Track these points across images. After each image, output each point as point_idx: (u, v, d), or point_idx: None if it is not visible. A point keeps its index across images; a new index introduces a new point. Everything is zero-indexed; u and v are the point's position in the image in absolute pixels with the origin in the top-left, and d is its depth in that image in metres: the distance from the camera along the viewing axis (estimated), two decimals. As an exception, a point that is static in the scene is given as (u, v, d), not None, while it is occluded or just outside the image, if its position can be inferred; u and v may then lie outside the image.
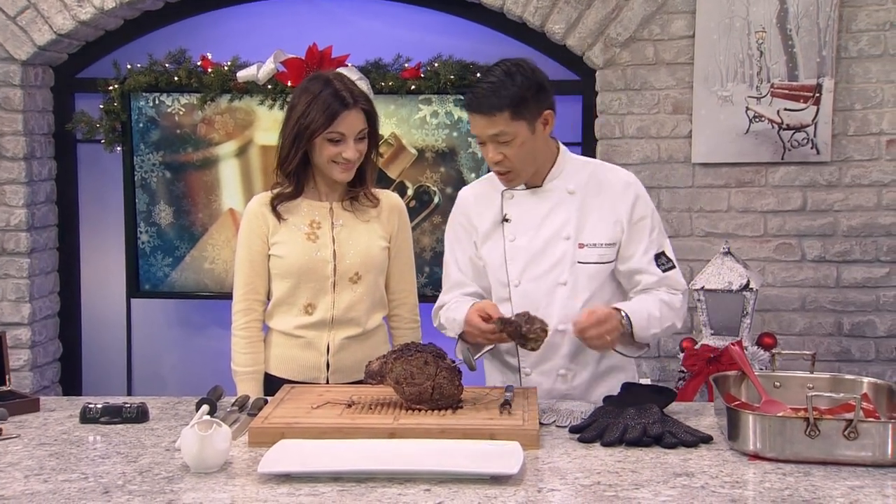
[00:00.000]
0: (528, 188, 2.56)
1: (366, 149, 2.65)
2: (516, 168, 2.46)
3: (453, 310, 2.55)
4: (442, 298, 2.66)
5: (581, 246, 2.51)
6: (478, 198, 2.64)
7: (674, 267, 2.55)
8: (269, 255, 2.68)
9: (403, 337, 2.80)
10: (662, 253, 2.54)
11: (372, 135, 2.66)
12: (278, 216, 2.67)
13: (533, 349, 2.36)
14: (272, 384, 2.65)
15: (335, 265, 2.65)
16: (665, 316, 2.50)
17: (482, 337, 2.42)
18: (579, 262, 2.50)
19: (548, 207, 2.53)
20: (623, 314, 2.42)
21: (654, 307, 2.48)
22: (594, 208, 2.52)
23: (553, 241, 2.52)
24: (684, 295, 2.57)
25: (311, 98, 2.58)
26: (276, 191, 2.69)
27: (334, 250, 2.66)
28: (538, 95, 2.44)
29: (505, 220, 2.57)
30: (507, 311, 2.50)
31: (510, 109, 2.39)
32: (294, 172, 2.65)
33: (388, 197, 2.79)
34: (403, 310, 2.82)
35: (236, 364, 2.70)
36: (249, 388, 2.67)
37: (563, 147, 2.59)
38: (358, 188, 2.71)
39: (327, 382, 2.68)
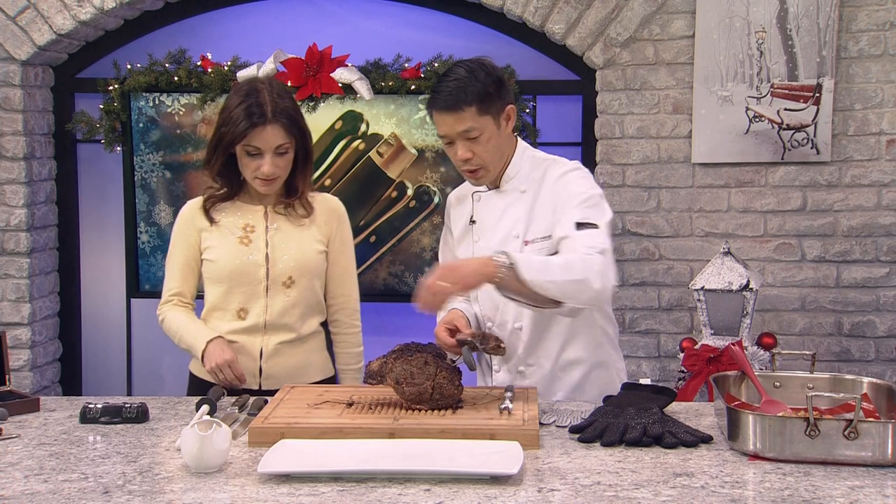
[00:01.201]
0: (489, 189, 2.59)
1: (290, 163, 2.58)
2: (485, 164, 2.48)
3: (438, 314, 2.58)
4: None
5: (526, 243, 2.50)
6: (458, 200, 2.70)
7: (596, 227, 2.36)
8: (203, 260, 2.65)
9: (344, 343, 2.78)
10: (591, 223, 2.38)
11: (301, 149, 2.59)
12: (211, 220, 2.64)
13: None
14: (205, 388, 2.60)
15: (268, 269, 2.62)
16: (572, 266, 2.25)
17: (448, 350, 2.43)
18: None
19: (503, 207, 2.56)
20: (501, 255, 2.24)
21: (558, 257, 2.31)
22: (540, 205, 2.51)
23: (505, 240, 2.53)
24: (605, 256, 2.30)
25: (235, 105, 2.53)
26: (207, 193, 2.66)
27: (267, 254, 2.62)
28: (500, 91, 2.47)
29: (472, 221, 2.61)
30: (475, 313, 2.60)
31: (477, 104, 2.41)
32: (223, 174, 2.61)
33: (325, 201, 2.73)
34: (343, 315, 2.77)
35: (174, 330, 2.64)
36: (195, 330, 2.60)
37: (521, 144, 2.58)
38: (290, 199, 2.65)
39: (260, 388, 2.64)
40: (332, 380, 2.78)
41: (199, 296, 2.76)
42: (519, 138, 2.61)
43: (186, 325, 2.64)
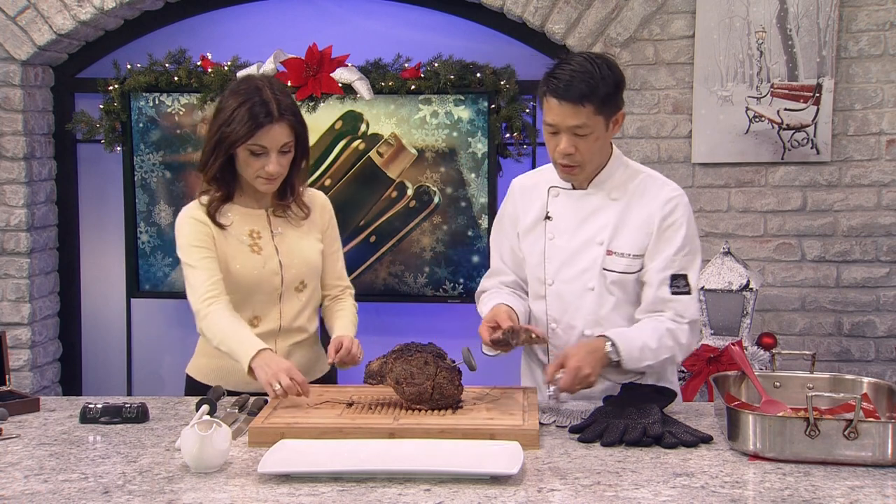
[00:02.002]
0: (573, 188, 2.52)
1: (290, 161, 2.54)
2: (584, 162, 2.41)
3: (484, 304, 2.57)
4: (483, 284, 2.67)
5: (609, 253, 2.45)
6: (525, 190, 2.60)
7: (689, 293, 2.43)
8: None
9: (342, 307, 2.74)
10: (683, 276, 2.43)
11: (299, 147, 2.56)
12: (219, 225, 2.56)
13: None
14: (203, 392, 2.57)
15: (283, 276, 2.60)
16: (663, 347, 2.39)
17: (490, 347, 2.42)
18: (605, 269, 2.46)
19: (588, 210, 2.49)
20: (609, 344, 2.34)
21: (651, 337, 2.39)
22: (632, 218, 2.46)
23: (587, 245, 2.48)
24: (692, 326, 2.44)
25: (236, 105, 2.46)
26: (206, 198, 2.58)
27: (280, 261, 2.60)
28: (618, 94, 2.40)
29: (547, 217, 2.53)
30: (541, 310, 2.53)
31: (597, 104, 2.33)
32: (219, 177, 2.54)
33: (314, 198, 2.70)
34: (343, 294, 2.77)
35: (214, 333, 2.48)
36: (240, 337, 2.46)
37: (617, 151, 2.53)
38: (286, 199, 2.61)
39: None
40: (330, 375, 2.78)
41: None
42: (614, 146, 2.54)
43: (235, 331, 2.48)
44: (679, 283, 2.42)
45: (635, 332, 2.42)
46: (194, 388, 2.68)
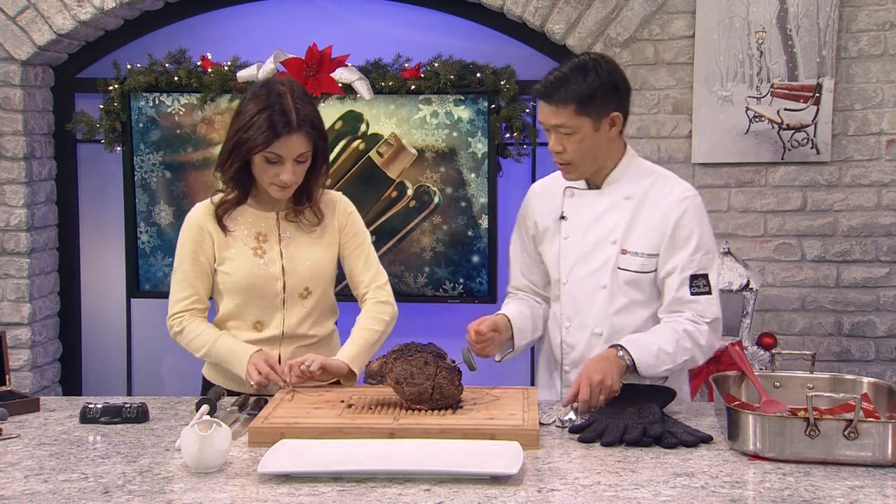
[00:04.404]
0: (588, 187, 2.54)
1: (306, 170, 2.52)
2: (575, 162, 2.45)
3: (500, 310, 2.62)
4: (508, 289, 2.74)
5: (624, 252, 2.47)
6: (541, 195, 2.64)
7: (709, 293, 2.44)
8: (216, 269, 2.58)
9: (368, 318, 2.65)
10: (704, 275, 2.44)
11: (318, 156, 2.53)
12: (224, 228, 2.56)
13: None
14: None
15: (284, 281, 2.57)
16: (681, 350, 2.39)
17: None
18: (619, 268, 2.47)
19: (602, 209, 2.51)
20: (621, 350, 2.35)
21: (668, 341, 2.39)
22: (646, 217, 2.47)
23: (601, 243, 2.50)
24: (713, 326, 2.44)
25: (256, 111, 2.44)
26: (218, 198, 2.59)
27: (283, 266, 2.57)
28: (608, 95, 2.41)
29: (562, 217, 2.56)
30: (557, 310, 2.57)
31: (576, 104, 2.37)
32: (236, 178, 2.53)
33: (330, 202, 2.66)
34: (378, 293, 2.67)
35: (200, 344, 2.55)
36: (230, 345, 2.52)
37: (630, 151, 2.54)
38: (302, 205, 2.60)
39: None
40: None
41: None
42: (629, 146, 2.56)
43: (219, 342, 2.54)
44: (699, 283, 2.44)
45: (650, 337, 2.42)
46: (207, 389, 2.66)
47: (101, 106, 4.35)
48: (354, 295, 2.71)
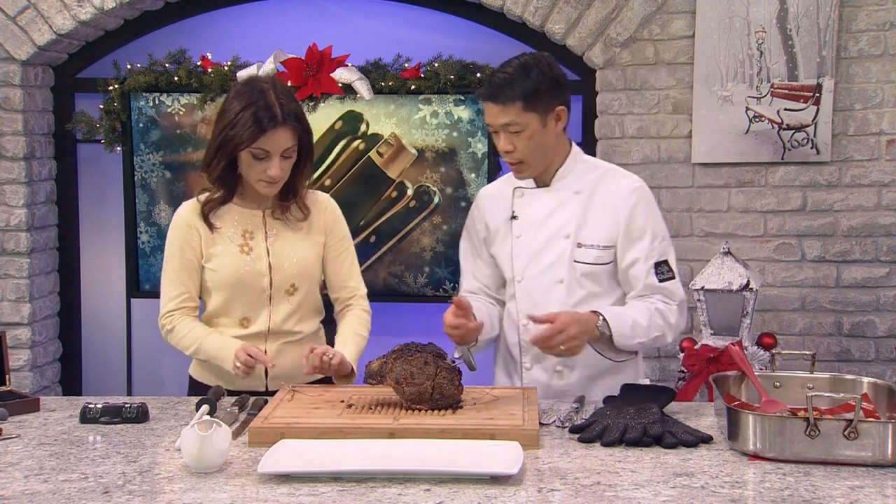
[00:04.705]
0: (537, 186, 2.59)
1: (292, 165, 2.55)
2: (526, 159, 2.50)
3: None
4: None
5: (579, 245, 2.54)
6: (492, 198, 2.69)
7: (674, 278, 2.55)
8: (203, 266, 2.61)
9: (354, 317, 2.71)
10: (665, 262, 2.54)
11: (303, 150, 2.56)
12: (210, 226, 2.59)
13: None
14: (206, 392, 2.58)
15: (271, 278, 2.59)
16: (654, 325, 2.49)
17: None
18: (576, 262, 2.54)
19: (553, 206, 2.56)
20: (601, 319, 2.42)
21: (642, 315, 2.48)
22: (597, 210, 2.54)
23: (554, 239, 2.55)
24: (681, 307, 2.56)
25: (240, 108, 2.47)
26: (204, 196, 2.61)
27: (269, 262, 2.60)
28: (552, 90, 2.47)
29: (513, 217, 2.60)
30: (513, 308, 2.61)
31: (522, 100, 2.43)
32: (222, 178, 2.56)
33: (317, 202, 2.69)
34: (354, 301, 2.73)
35: (189, 342, 2.59)
36: (219, 342, 2.56)
37: (576, 148, 2.61)
38: (288, 201, 2.62)
39: (266, 389, 2.62)
40: (329, 377, 2.77)
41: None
42: (573, 142, 2.62)
43: (208, 339, 2.58)
44: (663, 270, 2.54)
45: (626, 309, 2.51)
46: (195, 388, 2.69)
47: (101, 106, 4.35)
48: (332, 298, 2.74)
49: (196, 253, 2.61)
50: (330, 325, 2.79)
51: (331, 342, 2.72)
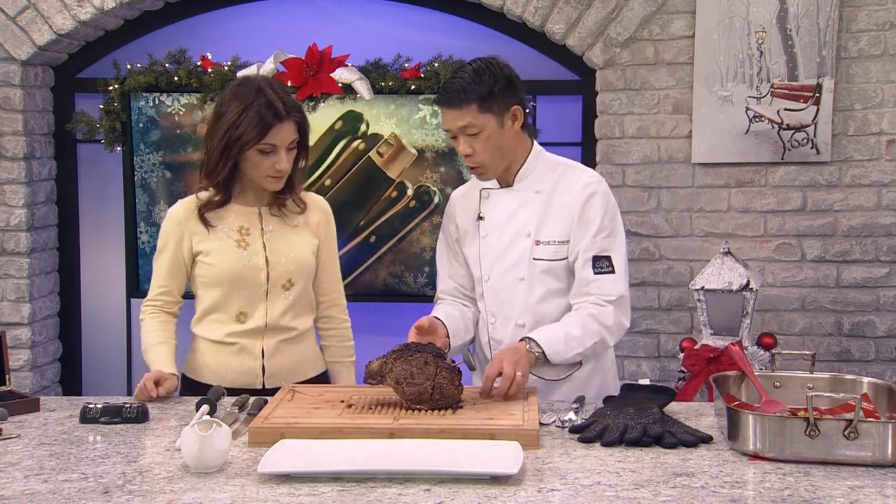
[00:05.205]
0: (501, 187, 2.63)
1: (294, 157, 2.60)
2: (486, 162, 2.53)
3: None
4: (437, 294, 2.80)
5: (538, 243, 2.56)
6: (462, 199, 2.74)
7: (612, 272, 2.53)
8: (197, 263, 2.64)
9: (337, 336, 2.81)
10: (606, 257, 2.53)
11: (301, 143, 2.61)
12: (206, 223, 2.62)
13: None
14: (197, 389, 2.65)
15: (268, 272, 2.62)
16: (588, 333, 2.49)
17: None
18: (535, 259, 2.57)
19: (515, 206, 2.60)
20: (529, 342, 2.44)
21: (573, 326, 2.49)
22: (556, 207, 2.57)
23: (516, 238, 2.59)
24: (618, 304, 2.53)
25: (242, 108, 2.50)
26: (203, 197, 2.63)
27: (266, 257, 2.62)
28: (506, 91, 2.50)
29: (480, 218, 2.64)
30: (482, 308, 2.66)
31: (477, 102, 2.47)
32: (224, 181, 2.59)
33: (314, 202, 2.74)
34: (335, 310, 2.80)
35: (144, 342, 2.67)
36: (160, 356, 2.62)
37: (537, 147, 2.64)
38: (286, 195, 2.66)
39: (263, 387, 2.65)
40: (325, 375, 2.79)
41: (188, 295, 2.77)
42: (535, 141, 2.65)
43: (153, 347, 2.66)
44: (602, 264, 2.53)
45: (556, 325, 2.52)
46: (189, 386, 2.72)
47: (101, 106, 4.35)
48: (316, 298, 2.78)
49: (187, 247, 2.64)
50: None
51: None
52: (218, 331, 2.65)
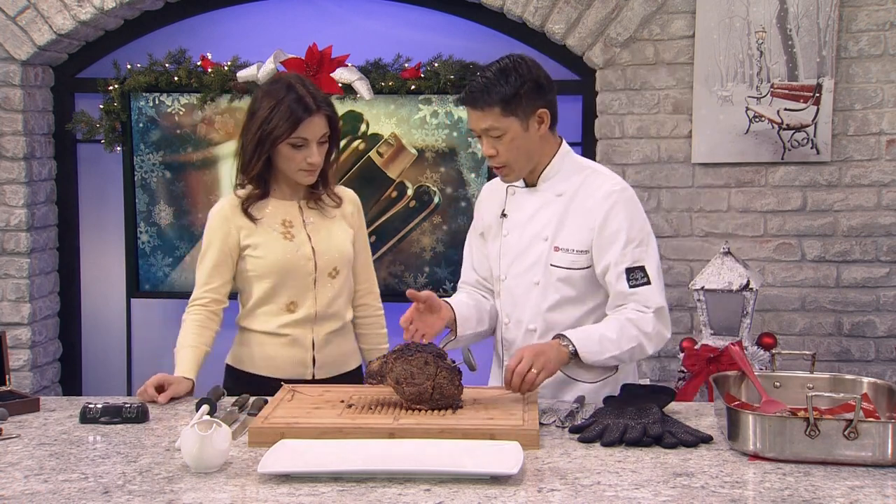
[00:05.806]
0: (526, 186, 2.58)
1: (325, 151, 2.67)
2: (509, 163, 2.48)
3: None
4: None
5: (556, 249, 2.50)
6: (491, 192, 2.70)
7: (649, 283, 2.44)
8: (244, 257, 2.68)
9: (373, 324, 2.87)
10: (640, 268, 2.45)
11: (333, 137, 2.68)
12: (251, 218, 2.68)
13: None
14: (259, 383, 2.66)
15: (315, 261, 2.69)
16: (626, 336, 2.40)
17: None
18: (552, 265, 2.51)
19: (536, 207, 2.55)
20: (566, 342, 2.37)
21: (611, 329, 2.41)
22: (576, 214, 2.50)
23: (534, 240, 2.54)
24: (657, 314, 2.44)
25: (274, 103, 2.58)
26: (242, 193, 2.70)
27: (312, 247, 2.69)
28: (533, 93, 2.44)
29: (503, 215, 2.61)
30: (498, 306, 2.63)
31: (501, 105, 2.41)
32: (259, 175, 2.66)
33: (345, 193, 2.82)
34: (370, 298, 2.88)
35: (177, 343, 2.68)
36: (181, 360, 2.62)
37: (565, 148, 2.57)
38: (320, 190, 2.73)
39: (313, 378, 2.70)
40: (360, 370, 2.85)
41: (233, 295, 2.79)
42: (564, 141, 2.58)
43: (180, 350, 2.66)
44: (637, 276, 2.45)
45: (592, 326, 2.47)
46: (236, 377, 2.76)
47: (101, 106, 4.35)
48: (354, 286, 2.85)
49: (234, 244, 2.69)
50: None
51: None
52: (269, 322, 2.70)
